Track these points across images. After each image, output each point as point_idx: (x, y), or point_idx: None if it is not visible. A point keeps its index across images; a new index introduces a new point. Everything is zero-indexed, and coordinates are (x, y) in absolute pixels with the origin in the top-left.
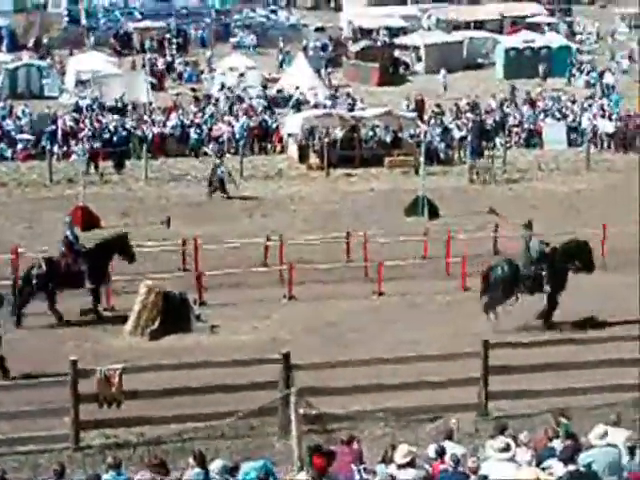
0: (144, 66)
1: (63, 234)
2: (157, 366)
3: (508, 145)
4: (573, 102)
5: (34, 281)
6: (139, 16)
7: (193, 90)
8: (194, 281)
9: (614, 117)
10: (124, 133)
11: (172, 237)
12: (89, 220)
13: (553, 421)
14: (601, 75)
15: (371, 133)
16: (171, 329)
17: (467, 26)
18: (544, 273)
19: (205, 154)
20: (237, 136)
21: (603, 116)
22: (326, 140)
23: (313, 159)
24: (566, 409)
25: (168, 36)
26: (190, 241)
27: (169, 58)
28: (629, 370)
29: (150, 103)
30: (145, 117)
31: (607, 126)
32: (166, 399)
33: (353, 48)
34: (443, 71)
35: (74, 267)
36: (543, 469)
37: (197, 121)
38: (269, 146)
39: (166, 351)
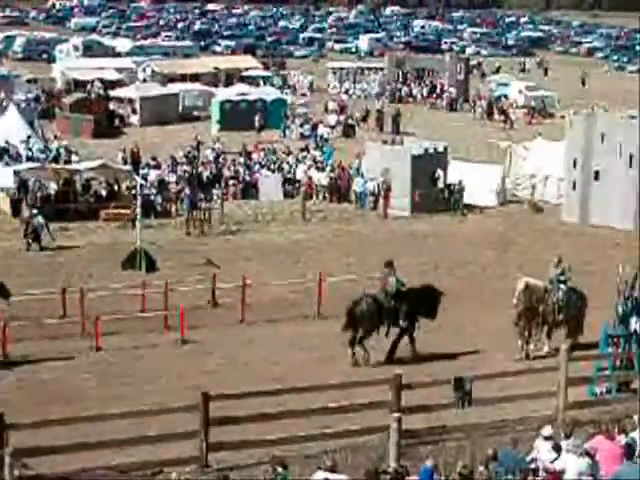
0: None
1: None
2: None
3: (225, 197)
4: (288, 154)
5: None
6: None
7: None
8: None
9: (327, 169)
10: None
11: None
12: None
13: (271, 470)
14: (314, 127)
15: (86, 186)
16: None
17: (182, 79)
18: (402, 309)
19: None
20: None
21: (317, 168)
22: (39, 194)
23: (27, 213)
24: (284, 458)
25: None
26: None
27: None
28: (345, 417)
29: None
30: None
31: (321, 178)
32: None
33: (67, 100)
34: None
35: None
36: None
37: None
38: None
39: None
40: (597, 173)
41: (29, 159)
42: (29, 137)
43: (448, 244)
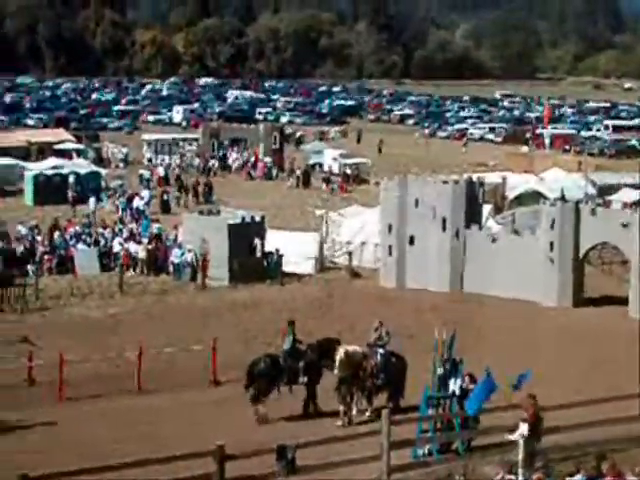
0: None
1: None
2: None
3: (39, 272)
4: (104, 227)
5: None
6: None
7: None
8: None
9: (144, 241)
10: None
11: None
12: None
13: None
14: (130, 200)
15: None
16: None
17: None
18: (300, 366)
19: None
20: None
21: (134, 240)
22: None
23: None
24: None
25: None
26: None
27: None
28: None
29: None
30: None
31: (138, 250)
32: None
33: None
34: None
35: None
36: None
37: None
38: None
39: None
40: (412, 237)
41: None
42: None
43: (268, 313)
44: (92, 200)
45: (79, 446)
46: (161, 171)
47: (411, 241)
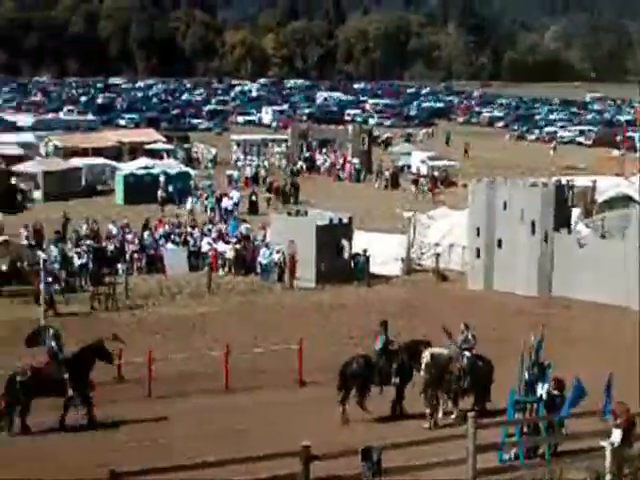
0: None
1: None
2: None
3: (129, 271)
4: (193, 227)
5: (18, 386)
6: None
7: None
8: None
9: (233, 240)
10: None
11: None
12: None
13: None
14: (219, 200)
15: None
16: None
17: (85, 153)
18: (393, 367)
19: None
20: None
21: (223, 240)
22: None
23: None
24: None
25: None
26: None
27: None
28: None
29: None
30: None
31: (226, 250)
32: None
33: None
34: None
35: (57, 376)
36: None
37: None
38: None
39: None
40: (500, 240)
41: None
42: None
43: (354, 314)
44: (190, 200)
45: (165, 443)
46: (249, 172)
47: (499, 244)
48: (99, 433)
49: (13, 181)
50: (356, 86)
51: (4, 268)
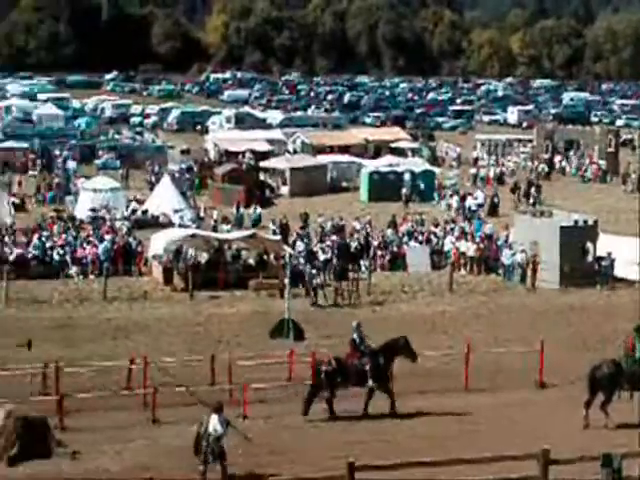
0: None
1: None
2: None
3: (372, 268)
4: (436, 225)
5: (322, 376)
6: (1, 136)
7: (57, 211)
8: (55, 405)
9: (476, 240)
10: None
11: (33, 360)
12: None
13: None
14: (463, 199)
15: (236, 255)
16: (30, 454)
17: (331, 150)
18: None
19: (68, 276)
20: (101, 258)
21: (465, 239)
22: (190, 262)
23: (177, 281)
24: None
25: (32, 156)
26: (51, 364)
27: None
28: None
29: (12, 224)
30: (6, 238)
31: (469, 249)
32: None
33: (219, 171)
34: None
35: (359, 366)
36: None
37: (60, 242)
38: (133, 267)
39: (25, 478)
40: None
41: (181, 228)
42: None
43: (596, 318)
44: (455, 198)
45: (400, 440)
46: (493, 172)
47: None
48: (338, 424)
49: (261, 176)
50: (604, 86)
51: (251, 261)
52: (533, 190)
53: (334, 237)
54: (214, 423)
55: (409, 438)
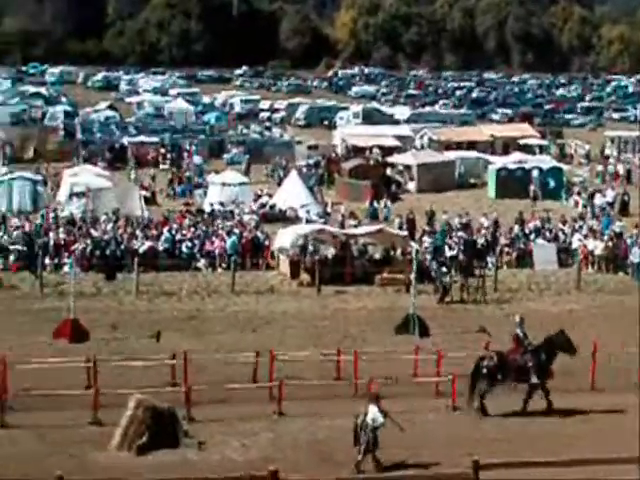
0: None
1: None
2: None
3: (499, 264)
4: (564, 223)
5: (484, 371)
6: (134, 131)
7: (186, 205)
8: (183, 396)
9: (604, 238)
10: (116, 246)
11: (162, 351)
12: (78, 333)
13: None
14: (591, 196)
15: (362, 250)
16: (159, 444)
17: (459, 146)
18: None
19: (196, 269)
20: (229, 251)
21: (594, 237)
22: (317, 257)
23: (304, 275)
24: None
25: (163, 151)
26: (180, 355)
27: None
28: None
29: (144, 217)
30: (137, 231)
31: (598, 247)
32: None
33: (346, 166)
34: None
35: (521, 362)
36: None
37: (189, 236)
38: (260, 261)
39: (154, 467)
40: None
41: (308, 223)
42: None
43: None
44: (583, 196)
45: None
46: (622, 169)
47: None
48: (465, 421)
49: (388, 172)
50: None
51: (377, 256)
52: None
53: (461, 233)
54: (373, 412)
55: (537, 437)
